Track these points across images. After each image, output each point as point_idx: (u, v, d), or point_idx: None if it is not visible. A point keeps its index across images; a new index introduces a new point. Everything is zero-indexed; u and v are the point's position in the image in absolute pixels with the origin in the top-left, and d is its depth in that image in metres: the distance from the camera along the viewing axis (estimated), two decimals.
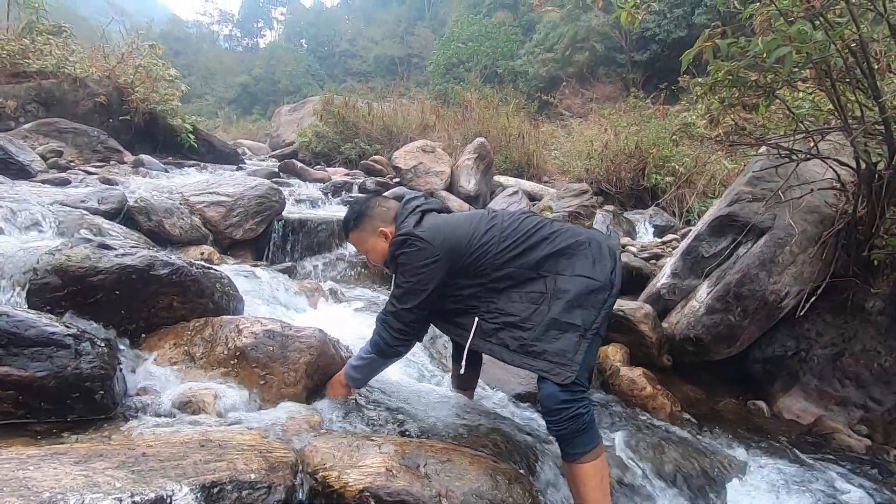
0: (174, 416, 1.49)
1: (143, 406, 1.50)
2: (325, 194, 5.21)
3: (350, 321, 2.71)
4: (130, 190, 3.57)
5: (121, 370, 1.52)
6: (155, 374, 1.68)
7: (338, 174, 6.92)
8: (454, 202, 5.80)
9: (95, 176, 4.17)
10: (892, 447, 2.23)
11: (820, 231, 2.46)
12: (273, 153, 11.72)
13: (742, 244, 2.63)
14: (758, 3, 2.26)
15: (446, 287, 1.60)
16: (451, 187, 6.56)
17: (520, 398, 2.18)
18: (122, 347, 1.69)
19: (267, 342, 1.72)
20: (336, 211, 4.75)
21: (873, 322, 2.43)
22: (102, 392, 1.38)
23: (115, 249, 1.74)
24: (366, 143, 9.36)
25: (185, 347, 1.75)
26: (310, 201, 4.87)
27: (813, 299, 2.41)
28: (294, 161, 6.93)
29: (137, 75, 6.36)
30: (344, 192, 5.35)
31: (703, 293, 2.63)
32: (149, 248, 1.99)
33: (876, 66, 2.01)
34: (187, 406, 1.53)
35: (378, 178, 6.73)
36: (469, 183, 6.50)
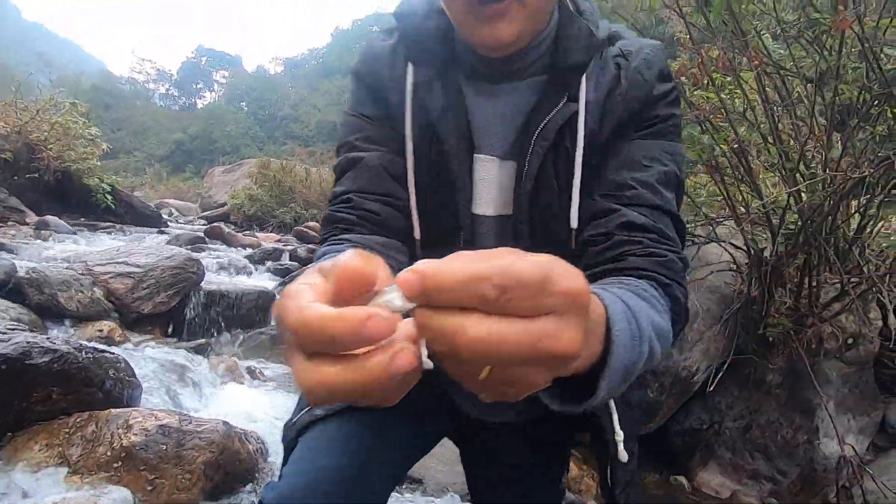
0: None
1: None
2: (253, 262, 5.02)
3: (267, 404, 2.52)
4: (23, 257, 3.24)
5: None
6: (17, 483, 1.44)
7: (268, 240, 6.74)
8: None
9: None
10: None
11: (722, 310, 2.66)
12: (203, 214, 11.33)
13: None
14: None
15: None
16: None
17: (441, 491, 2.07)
18: None
19: (160, 439, 1.54)
20: (263, 280, 4.56)
21: (774, 395, 2.59)
22: None
23: None
24: (302, 208, 9.29)
25: (61, 448, 1.53)
26: (235, 269, 4.65)
27: (720, 375, 2.55)
28: (221, 225, 6.70)
29: (53, 132, 6.01)
30: (273, 260, 5.18)
31: None
32: (30, 330, 1.77)
33: (753, 167, 2.29)
34: None
35: (311, 245, 6.61)
36: None
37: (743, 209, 2.58)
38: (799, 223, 2.30)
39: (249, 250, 5.55)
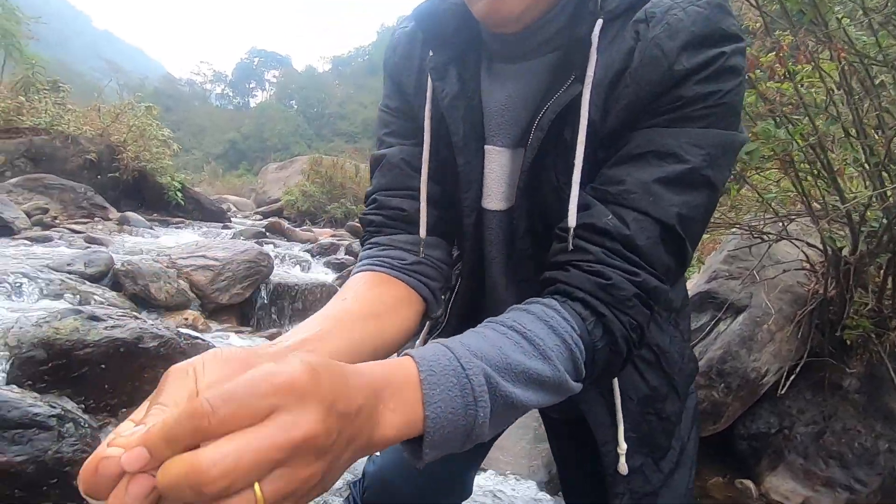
0: None
1: None
2: (312, 256, 5.23)
3: None
4: (116, 250, 3.54)
5: None
6: None
7: (324, 235, 6.98)
8: None
9: (80, 234, 4.13)
10: None
11: (794, 310, 2.56)
12: (258, 209, 11.82)
13: (722, 321, 2.71)
14: None
15: None
16: None
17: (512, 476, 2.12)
18: (103, 425, 1.63)
19: None
20: (323, 273, 4.76)
21: (851, 401, 2.48)
22: None
23: (105, 321, 1.72)
24: (352, 204, 9.54)
25: None
26: (296, 263, 4.87)
27: (793, 377, 2.47)
28: (280, 220, 7.00)
29: (131, 134, 6.48)
30: (330, 255, 5.38)
31: None
32: (136, 317, 1.96)
33: (835, 167, 2.19)
34: None
35: None
36: None
37: (819, 206, 2.48)
38: (883, 221, 2.19)
39: (308, 245, 5.79)
